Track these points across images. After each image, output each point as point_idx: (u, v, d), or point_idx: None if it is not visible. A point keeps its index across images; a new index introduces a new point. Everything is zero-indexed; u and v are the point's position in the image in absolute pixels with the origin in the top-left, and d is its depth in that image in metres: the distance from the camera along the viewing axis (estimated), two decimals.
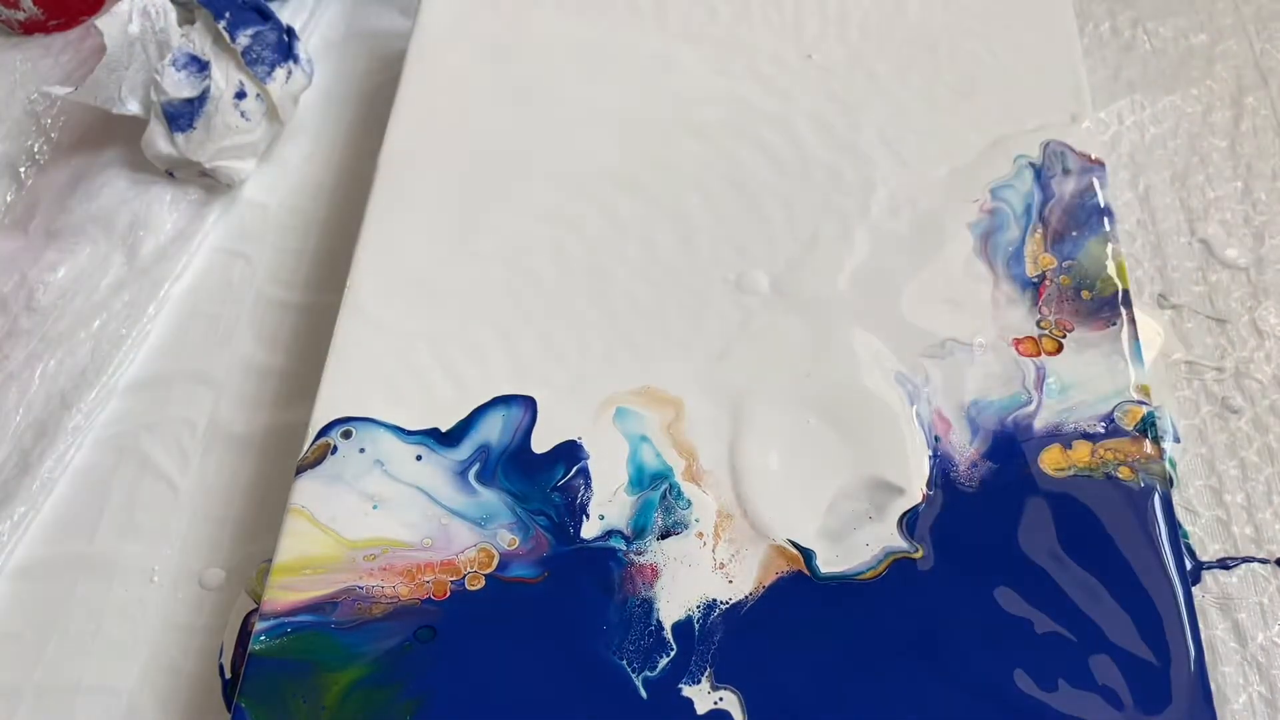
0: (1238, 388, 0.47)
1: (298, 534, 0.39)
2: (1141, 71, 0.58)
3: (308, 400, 0.42)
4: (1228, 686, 0.39)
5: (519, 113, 0.51)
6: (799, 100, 0.51)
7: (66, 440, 0.46)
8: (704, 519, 0.39)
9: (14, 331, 0.49)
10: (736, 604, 0.37)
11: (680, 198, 0.48)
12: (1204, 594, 0.41)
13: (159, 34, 0.51)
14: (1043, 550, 0.38)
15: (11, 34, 0.62)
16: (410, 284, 0.45)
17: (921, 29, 0.53)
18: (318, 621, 0.37)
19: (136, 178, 0.53)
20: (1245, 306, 0.49)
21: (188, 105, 0.51)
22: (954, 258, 0.45)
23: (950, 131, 0.49)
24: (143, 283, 0.50)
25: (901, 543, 0.38)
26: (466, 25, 0.54)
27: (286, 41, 0.53)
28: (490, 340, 0.44)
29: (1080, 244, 0.45)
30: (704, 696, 0.35)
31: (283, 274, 0.52)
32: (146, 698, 0.40)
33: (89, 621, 0.42)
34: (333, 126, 0.57)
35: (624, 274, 0.46)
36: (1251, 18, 0.60)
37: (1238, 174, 0.53)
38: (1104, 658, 0.36)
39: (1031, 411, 0.41)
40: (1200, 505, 0.44)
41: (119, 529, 0.44)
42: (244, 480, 0.45)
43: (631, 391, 0.42)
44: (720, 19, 0.54)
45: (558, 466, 0.40)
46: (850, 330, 0.43)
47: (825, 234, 0.46)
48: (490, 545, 0.39)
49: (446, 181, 0.48)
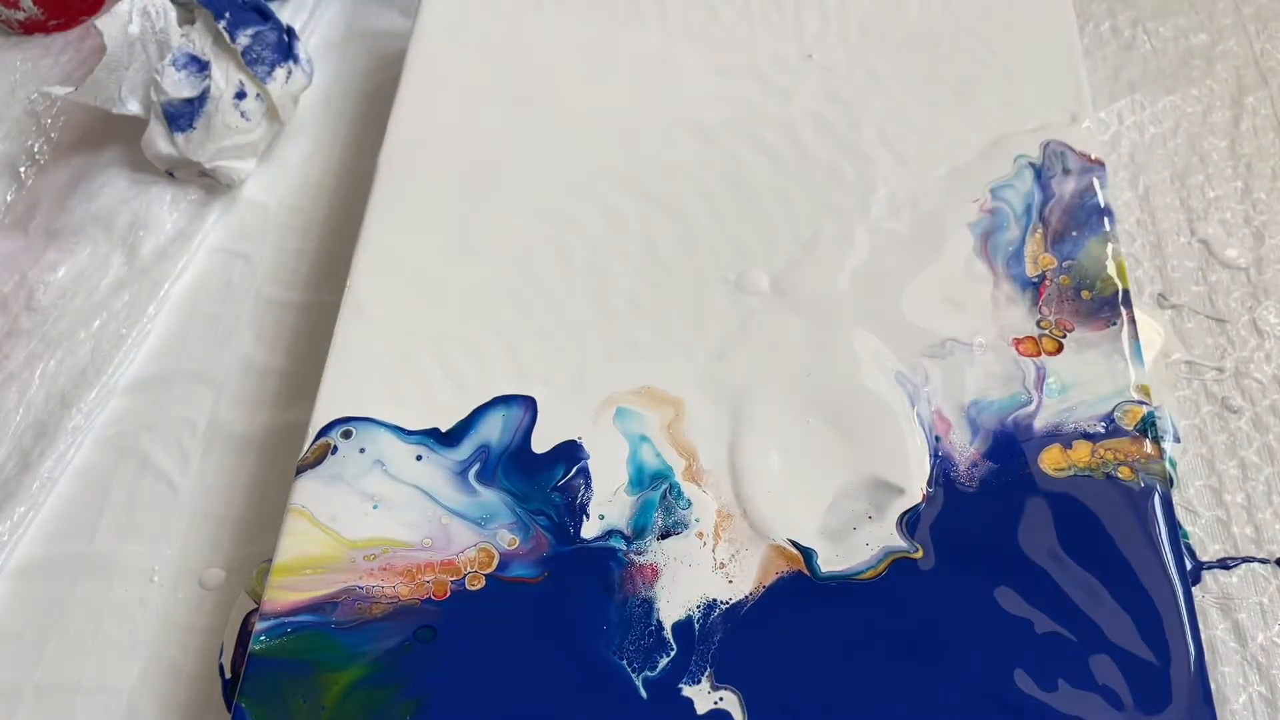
0: (1238, 388, 0.47)
1: (298, 534, 0.39)
2: (1141, 71, 0.58)
3: (308, 400, 0.42)
4: (1228, 686, 0.39)
5: (519, 113, 0.51)
6: (799, 100, 0.51)
7: (66, 440, 0.46)
8: (704, 519, 0.39)
9: (14, 331, 0.49)
10: (736, 604, 0.37)
11: (680, 198, 0.48)
12: (1204, 594, 0.41)
13: (159, 34, 0.51)
14: (1043, 550, 0.38)
15: (11, 34, 0.62)
16: (410, 284, 0.45)
17: (921, 29, 0.53)
18: (318, 621, 0.37)
19: (136, 178, 0.53)
20: (1245, 306, 0.49)
21: (188, 105, 0.51)
22: (954, 258, 0.45)
23: (950, 131, 0.49)
24: (143, 283, 0.50)
25: (901, 543, 0.38)
26: (466, 25, 0.54)
27: (286, 41, 0.53)
28: (490, 340, 0.44)
29: (1080, 244, 0.45)
30: (704, 696, 0.35)
31: (283, 274, 0.52)
32: (146, 698, 0.40)
33: (89, 621, 0.42)
34: (333, 126, 0.57)
35: (624, 274, 0.46)
36: (1251, 18, 0.60)
37: (1238, 174, 0.53)
38: (1104, 658, 0.36)
39: (1031, 411, 0.41)
40: (1200, 505, 0.44)
41: (119, 529, 0.44)
42: (244, 480, 0.45)
43: (631, 391, 0.42)
44: (720, 19, 0.54)
45: (558, 466, 0.40)
46: (850, 330, 0.43)
47: (825, 234, 0.46)
48: (490, 545, 0.39)
49: (446, 181, 0.48)
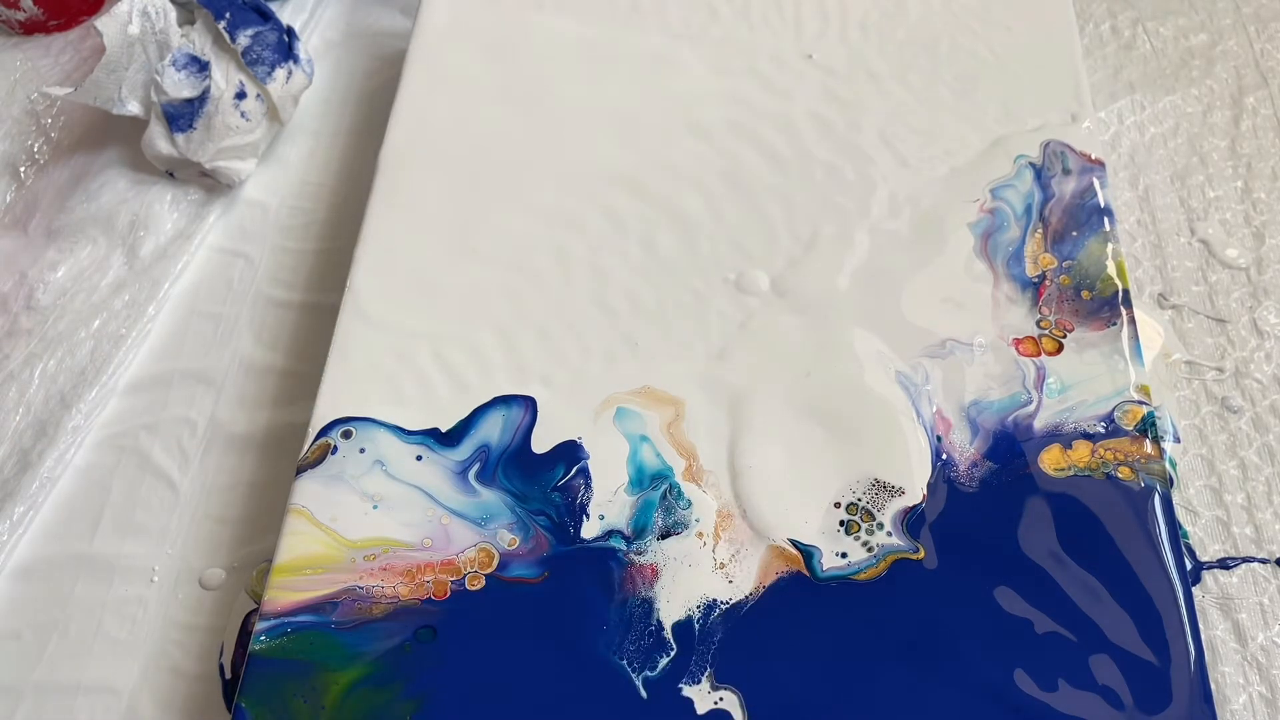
0: (1238, 388, 0.47)
1: (298, 534, 0.39)
2: (1141, 71, 0.58)
3: (308, 400, 0.42)
4: (1228, 686, 0.39)
5: (519, 112, 0.51)
6: (799, 100, 0.51)
7: (66, 440, 0.46)
8: (704, 519, 0.39)
9: (14, 331, 0.49)
10: (736, 604, 0.37)
11: (680, 198, 0.48)
12: (1204, 594, 0.41)
13: (159, 34, 0.51)
14: (1043, 550, 0.38)
15: (11, 34, 0.62)
16: (410, 284, 0.45)
17: (921, 28, 0.53)
18: (318, 621, 0.37)
19: (136, 178, 0.53)
20: (1245, 306, 0.49)
21: (188, 105, 0.51)
22: (954, 257, 0.45)
23: (950, 131, 0.49)
24: (143, 283, 0.50)
25: (901, 543, 0.38)
26: (466, 25, 0.54)
27: (286, 41, 0.53)
28: (490, 340, 0.44)
29: (1080, 244, 0.45)
30: (704, 696, 0.35)
31: (283, 274, 0.52)
32: (146, 698, 0.40)
33: (89, 621, 0.42)
34: (333, 126, 0.57)
35: (624, 274, 0.46)
36: (1251, 18, 0.60)
37: (1238, 174, 0.53)
38: (1104, 658, 0.36)
39: (1031, 411, 0.41)
40: (1200, 505, 0.44)
41: (119, 529, 0.44)
42: (244, 480, 0.45)
43: (631, 391, 0.42)
44: (720, 19, 0.54)
45: (558, 466, 0.40)
46: (850, 330, 0.43)
47: (825, 234, 0.46)
48: (490, 545, 0.39)
49: (446, 181, 0.48)
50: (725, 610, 0.37)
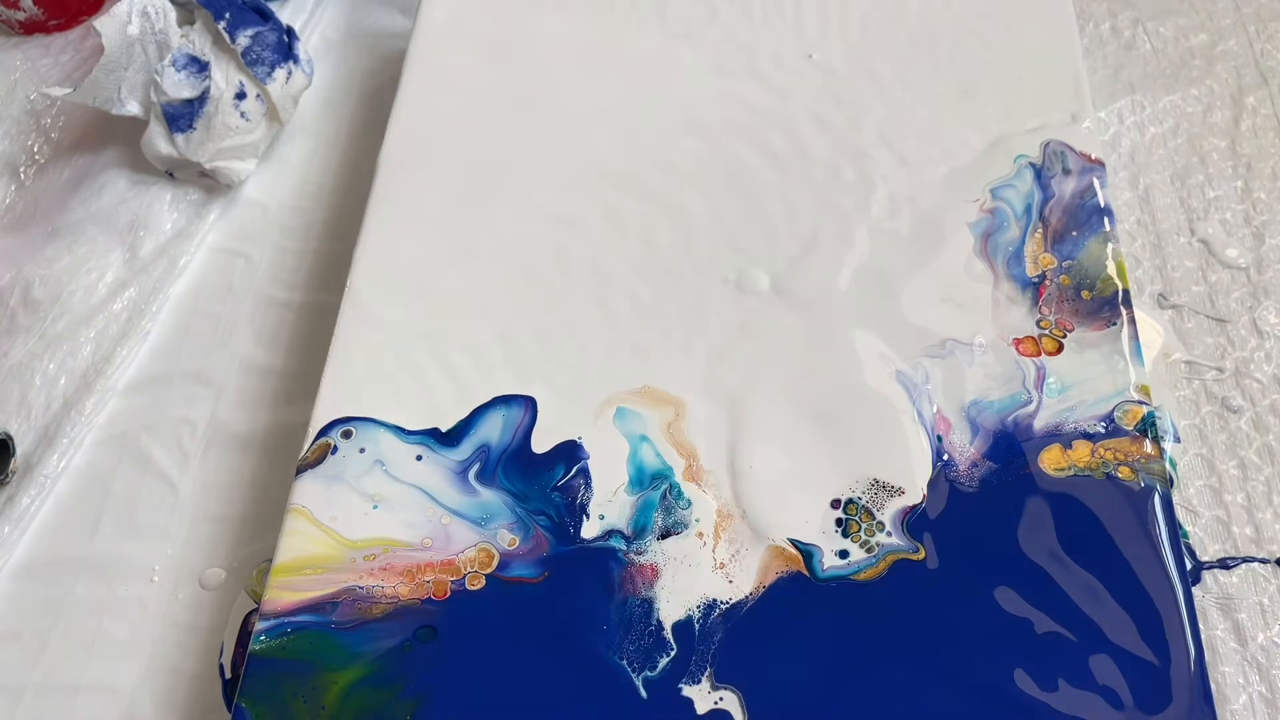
0: (1238, 387, 0.47)
1: (298, 534, 0.39)
2: (1141, 71, 0.58)
3: (308, 400, 0.42)
4: (1228, 686, 0.39)
5: (519, 113, 0.51)
6: (799, 100, 0.51)
7: (66, 440, 0.46)
8: (704, 519, 0.39)
9: (13, 330, 0.49)
10: (736, 604, 0.37)
11: (680, 198, 0.48)
12: (1204, 594, 0.41)
13: (158, 34, 0.51)
14: (1043, 550, 0.38)
15: (11, 34, 0.62)
16: (410, 284, 0.45)
17: (922, 29, 0.53)
18: (318, 621, 0.37)
19: (136, 178, 0.53)
20: (1245, 306, 0.49)
21: (188, 106, 0.51)
22: (954, 257, 0.45)
23: (950, 131, 0.49)
24: (143, 283, 0.50)
25: (901, 543, 0.38)
26: (466, 25, 0.54)
27: (286, 42, 0.53)
28: (490, 340, 0.44)
29: (1080, 244, 0.45)
30: (704, 696, 0.35)
31: (283, 274, 0.52)
32: (146, 698, 0.40)
33: (89, 621, 0.42)
34: (333, 126, 0.57)
35: (624, 274, 0.45)
36: (1251, 18, 0.60)
37: (1238, 174, 0.53)
38: (1104, 658, 0.36)
39: (1031, 411, 0.41)
40: (1200, 505, 0.44)
41: (119, 529, 0.44)
42: (244, 480, 0.45)
43: (631, 391, 0.42)
44: (720, 19, 0.54)
45: (558, 466, 0.40)
46: (850, 330, 0.43)
47: (825, 234, 0.46)
48: (490, 545, 0.39)
49: (446, 181, 0.48)
50: (725, 610, 0.37)
